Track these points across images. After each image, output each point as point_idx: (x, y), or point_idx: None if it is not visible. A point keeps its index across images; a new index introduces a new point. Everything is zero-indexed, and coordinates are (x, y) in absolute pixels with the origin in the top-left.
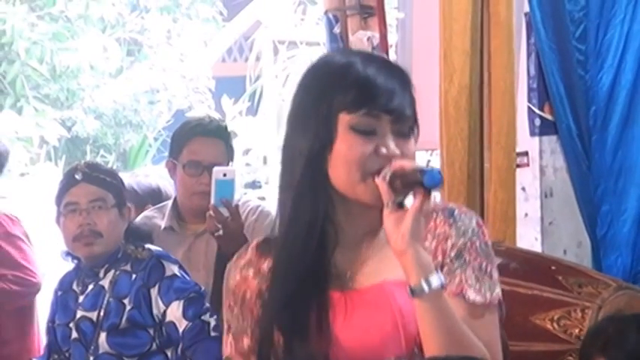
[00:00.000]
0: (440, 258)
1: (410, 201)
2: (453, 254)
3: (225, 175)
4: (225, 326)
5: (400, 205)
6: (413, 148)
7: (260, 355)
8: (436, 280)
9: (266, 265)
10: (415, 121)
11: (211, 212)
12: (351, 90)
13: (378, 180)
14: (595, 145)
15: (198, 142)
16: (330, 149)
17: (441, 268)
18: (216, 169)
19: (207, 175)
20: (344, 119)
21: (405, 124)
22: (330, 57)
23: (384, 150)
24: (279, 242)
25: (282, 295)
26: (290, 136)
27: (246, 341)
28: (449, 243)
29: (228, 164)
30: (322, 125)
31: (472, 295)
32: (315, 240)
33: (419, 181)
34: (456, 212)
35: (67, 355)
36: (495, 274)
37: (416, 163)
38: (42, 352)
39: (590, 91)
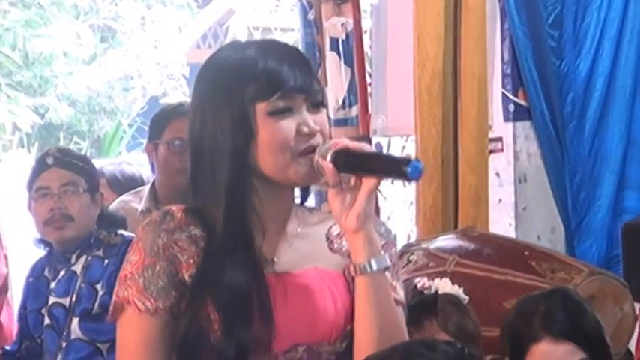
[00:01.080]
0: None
1: (351, 181)
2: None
3: None
4: (138, 284)
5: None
6: (325, 118)
7: (191, 323)
8: (382, 261)
9: (198, 232)
10: (323, 95)
11: None
12: (261, 78)
13: (320, 160)
14: (572, 133)
15: (181, 122)
16: (253, 140)
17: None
18: None
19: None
20: (260, 108)
21: (317, 97)
22: (223, 53)
23: (305, 129)
24: (217, 230)
25: (216, 275)
26: (207, 136)
27: (166, 301)
28: None
29: None
30: (239, 118)
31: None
32: (240, 223)
33: (401, 173)
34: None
35: (39, 341)
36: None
37: (362, 145)
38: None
39: (566, 78)
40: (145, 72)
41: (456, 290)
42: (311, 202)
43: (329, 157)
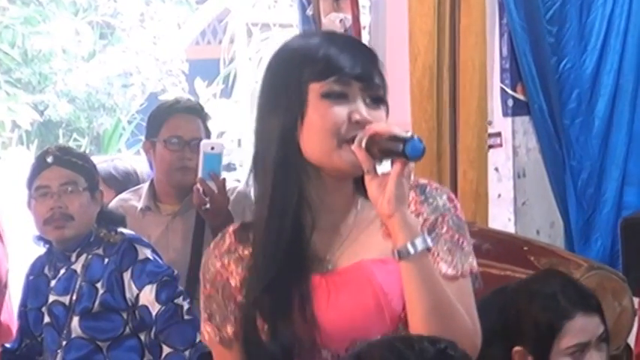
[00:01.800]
0: (428, 240)
1: (385, 166)
2: (425, 230)
3: (212, 148)
4: (204, 315)
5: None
6: (383, 116)
7: (246, 340)
8: (422, 242)
9: (247, 252)
10: (384, 92)
11: (199, 185)
12: (320, 61)
13: (355, 147)
14: (579, 129)
15: (178, 119)
16: (301, 121)
17: (428, 250)
18: (204, 142)
19: (188, 150)
20: (314, 88)
21: (375, 93)
22: (291, 40)
23: (357, 116)
24: (258, 227)
25: (262, 280)
26: (260, 118)
27: (230, 329)
28: (420, 219)
29: None
30: (293, 98)
31: (444, 267)
32: (291, 222)
33: (400, 151)
34: (428, 189)
35: (39, 339)
36: (468, 247)
37: (391, 128)
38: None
39: (571, 74)
40: (144, 68)
41: None
42: None
43: (363, 143)
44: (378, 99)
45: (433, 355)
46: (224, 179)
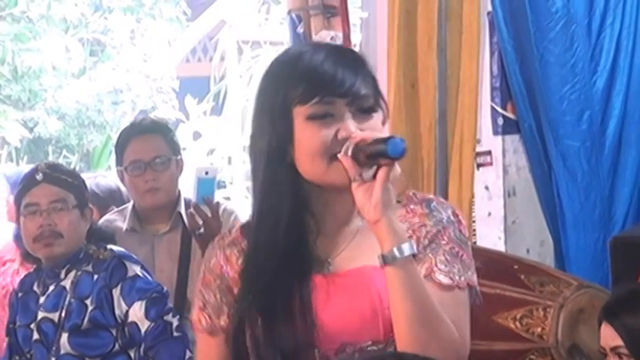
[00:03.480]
0: (414, 246)
1: (371, 174)
2: (426, 241)
3: (207, 173)
4: (199, 303)
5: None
6: (377, 124)
7: (234, 337)
8: (408, 248)
9: (247, 245)
10: (378, 95)
11: (192, 210)
12: (301, 82)
13: (341, 155)
14: (590, 151)
15: (136, 142)
16: (291, 144)
17: (414, 256)
18: (198, 167)
19: (151, 171)
20: (299, 112)
21: (362, 104)
22: (284, 52)
23: (343, 133)
24: (252, 232)
25: (260, 279)
26: (252, 136)
27: (223, 319)
28: (423, 231)
29: (172, 157)
30: (278, 121)
31: (440, 276)
32: (292, 227)
33: (382, 152)
34: (434, 203)
35: (28, 356)
36: (468, 261)
37: (374, 133)
38: (2, 354)
39: (581, 96)
40: (135, 86)
41: None
42: None
43: (350, 152)
44: (367, 109)
45: None
46: (218, 203)
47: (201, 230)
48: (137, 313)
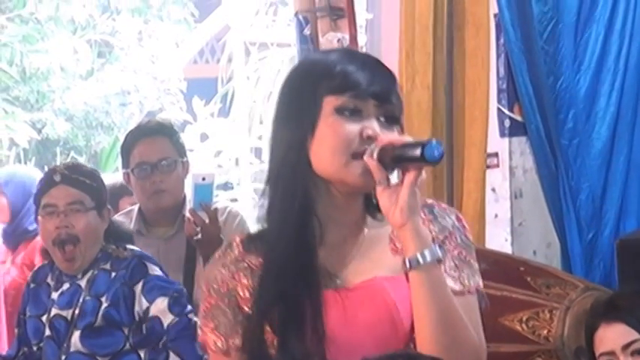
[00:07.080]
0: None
1: (394, 177)
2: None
3: (204, 179)
4: (210, 324)
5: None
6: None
7: (252, 352)
8: (433, 253)
9: (257, 261)
10: (400, 113)
11: (189, 216)
12: (337, 76)
13: (366, 157)
14: (576, 150)
15: (141, 145)
16: (312, 134)
17: (439, 261)
18: (195, 173)
19: (157, 173)
20: (329, 102)
21: (390, 111)
22: (309, 55)
23: (369, 131)
24: (269, 238)
25: (273, 292)
26: (274, 129)
27: (237, 338)
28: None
29: (178, 159)
30: (306, 109)
31: (450, 282)
32: (298, 232)
33: (416, 156)
34: (436, 209)
35: (35, 348)
36: (475, 265)
37: (404, 137)
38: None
39: (566, 94)
40: (142, 87)
41: None
42: None
43: (375, 155)
44: (392, 118)
45: None
46: (215, 209)
47: (199, 236)
48: (160, 307)
